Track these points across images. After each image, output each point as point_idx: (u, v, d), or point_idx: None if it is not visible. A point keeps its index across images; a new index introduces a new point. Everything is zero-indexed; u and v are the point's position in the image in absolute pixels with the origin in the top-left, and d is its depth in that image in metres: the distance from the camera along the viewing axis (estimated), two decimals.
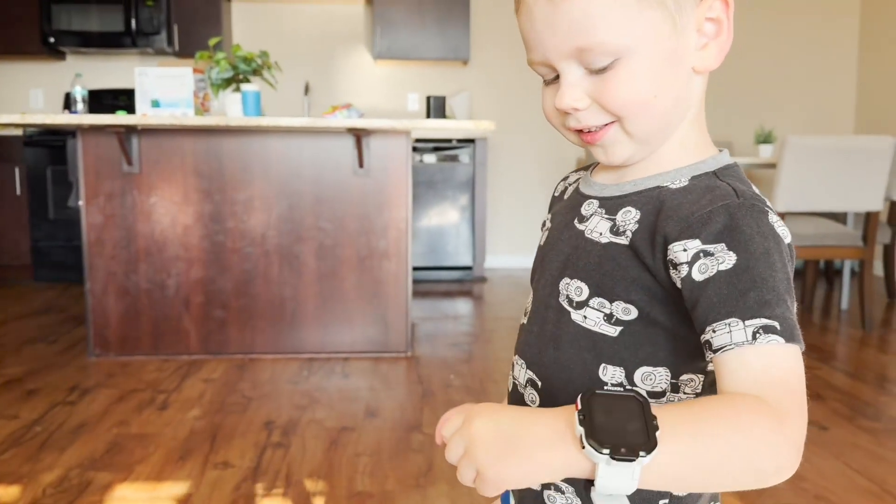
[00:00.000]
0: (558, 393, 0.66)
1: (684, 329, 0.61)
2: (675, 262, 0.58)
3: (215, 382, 2.71)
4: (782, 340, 0.53)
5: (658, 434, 0.48)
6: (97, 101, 4.92)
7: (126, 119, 2.73)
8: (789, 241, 0.58)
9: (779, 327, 0.53)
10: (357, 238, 3.05)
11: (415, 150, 4.82)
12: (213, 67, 3.00)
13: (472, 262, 4.98)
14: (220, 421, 2.32)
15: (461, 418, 0.55)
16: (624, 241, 0.63)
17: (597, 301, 0.64)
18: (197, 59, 3.08)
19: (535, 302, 0.72)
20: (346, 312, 3.09)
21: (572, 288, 0.66)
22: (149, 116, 2.74)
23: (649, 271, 0.61)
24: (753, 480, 0.50)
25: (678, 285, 0.58)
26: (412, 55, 5.08)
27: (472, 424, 0.53)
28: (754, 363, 0.52)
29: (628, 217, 0.64)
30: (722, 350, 0.54)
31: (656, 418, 0.48)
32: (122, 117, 2.73)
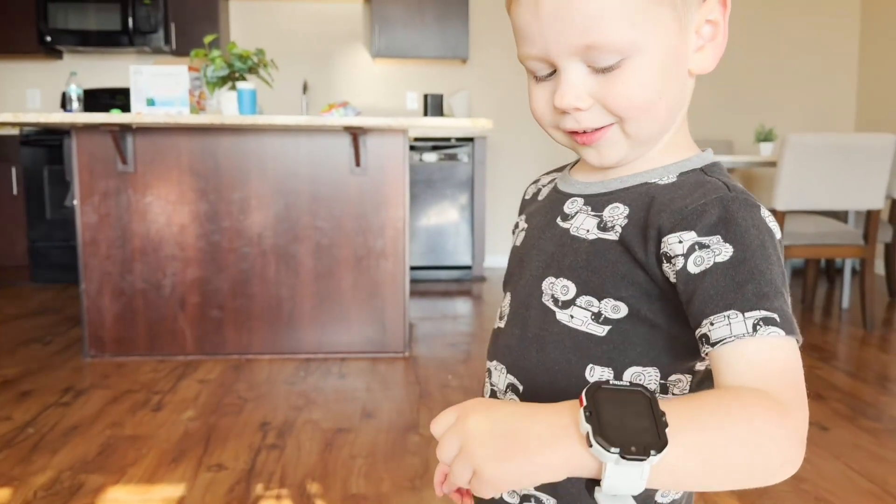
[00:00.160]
0: (542, 396, 0.63)
1: (675, 327, 0.59)
2: (669, 255, 0.56)
3: (211, 383, 2.69)
4: (782, 333, 0.52)
5: (667, 431, 0.45)
6: (94, 100, 4.91)
7: (120, 118, 2.71)
8: (780, 237, 0.58)
9: (778, 319, 0.52)
10: (354, 237, 3.03)
11: (414, 148, 4.80)
12: (209, 65, 2.98)
13: (471, 262, 4.96)
14: (215, 422, 2.30)
15: (454, 415, 0.52)
16: (613, 236, 0.61)
17: (584, 300, 0.62)
18: (192, 57, 3.05)
19: (514, 304, 0.69)
20: (343, 312, 3.06)
21: (557, 287, 0.64)
22: (143, 115, 2.72)
23: (640, 266, 0.59)
24: (759, 476, 0.48)
25: (672, 279, 0.57)
26: (411, 54, 5.06)
27: (468, 421, 0.51)
28: (755, 356, 0.51)
29: (616, 213, 0.62)
30: (721, 343, 0.52)
31: (665, 414, 0.46)
32: (116, 116, 2.71)
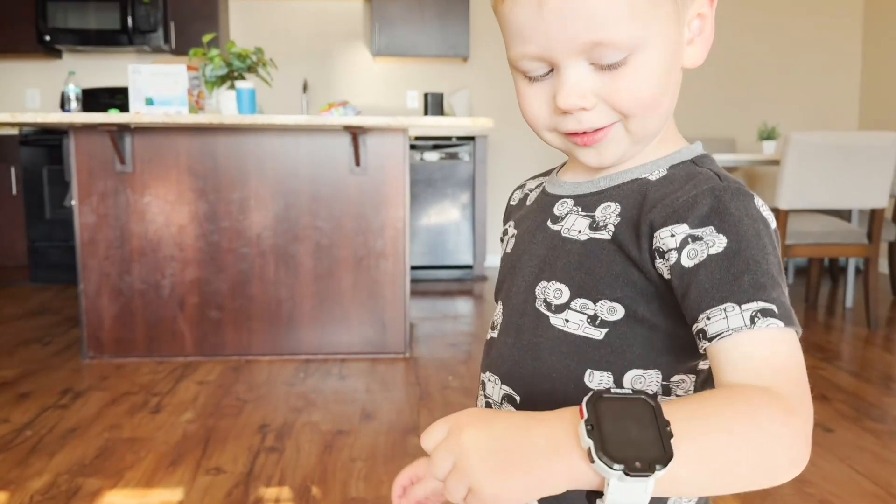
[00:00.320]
0: (540, 406, 0.61)
1: (674, 326, 0.57)
2: (662, 250, 0.55)
3: (210, 385, 2.67)
4: (781, 324, 0.50)
5: (672, 441, 0.44)
6: (93, 99, 4.89)
7: (119, 117, 2.69)
8: (775, 227, 0.56)
9: (776, 311, 0.50)
10: (354, 237, 3.01)
11: (414, 147, 4.78)
12: (208, 65, 2.96)
13: (472, 261, 4.93)
14: (214, 424, 2.28)
15: (446, 427, 0.50)
16: (606, 235, 0.60)
17: (579, 302, 0.60)
18: (191, 56, 3.03)
19: (507, 312, 0.67)
20: (343, 313, 3.05)
21: (550, 291, 0.62)
22: (142, 114, 2.70)
23: (635, 265, 0.57)
24: (765, 477, 0.47)
25: (666, 275, 0.55)
26: (411, 52, 5.04)
27: (462, 435, 0.48)
28: (754, 351, 0.50)
29: (608, 212, 0.61)
30: (718, 337, 0.50)
31: (669, 424, 0.44)
32: (114, 115, 2.69)
